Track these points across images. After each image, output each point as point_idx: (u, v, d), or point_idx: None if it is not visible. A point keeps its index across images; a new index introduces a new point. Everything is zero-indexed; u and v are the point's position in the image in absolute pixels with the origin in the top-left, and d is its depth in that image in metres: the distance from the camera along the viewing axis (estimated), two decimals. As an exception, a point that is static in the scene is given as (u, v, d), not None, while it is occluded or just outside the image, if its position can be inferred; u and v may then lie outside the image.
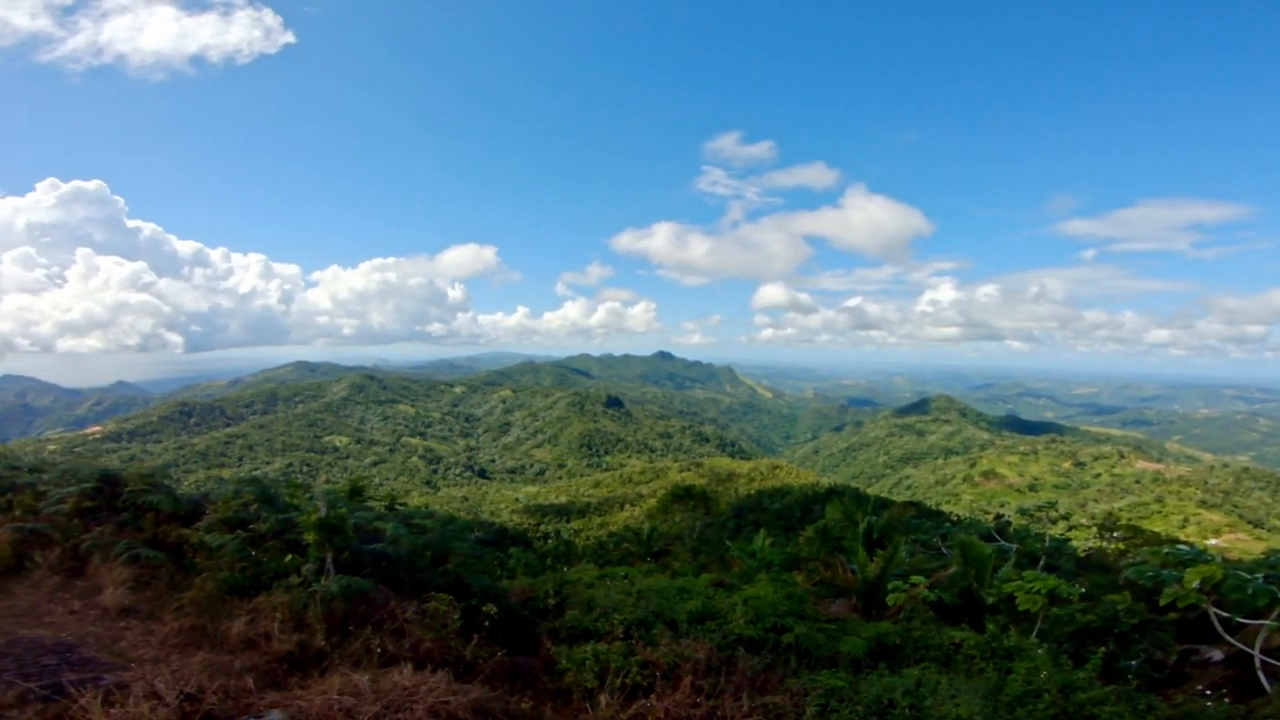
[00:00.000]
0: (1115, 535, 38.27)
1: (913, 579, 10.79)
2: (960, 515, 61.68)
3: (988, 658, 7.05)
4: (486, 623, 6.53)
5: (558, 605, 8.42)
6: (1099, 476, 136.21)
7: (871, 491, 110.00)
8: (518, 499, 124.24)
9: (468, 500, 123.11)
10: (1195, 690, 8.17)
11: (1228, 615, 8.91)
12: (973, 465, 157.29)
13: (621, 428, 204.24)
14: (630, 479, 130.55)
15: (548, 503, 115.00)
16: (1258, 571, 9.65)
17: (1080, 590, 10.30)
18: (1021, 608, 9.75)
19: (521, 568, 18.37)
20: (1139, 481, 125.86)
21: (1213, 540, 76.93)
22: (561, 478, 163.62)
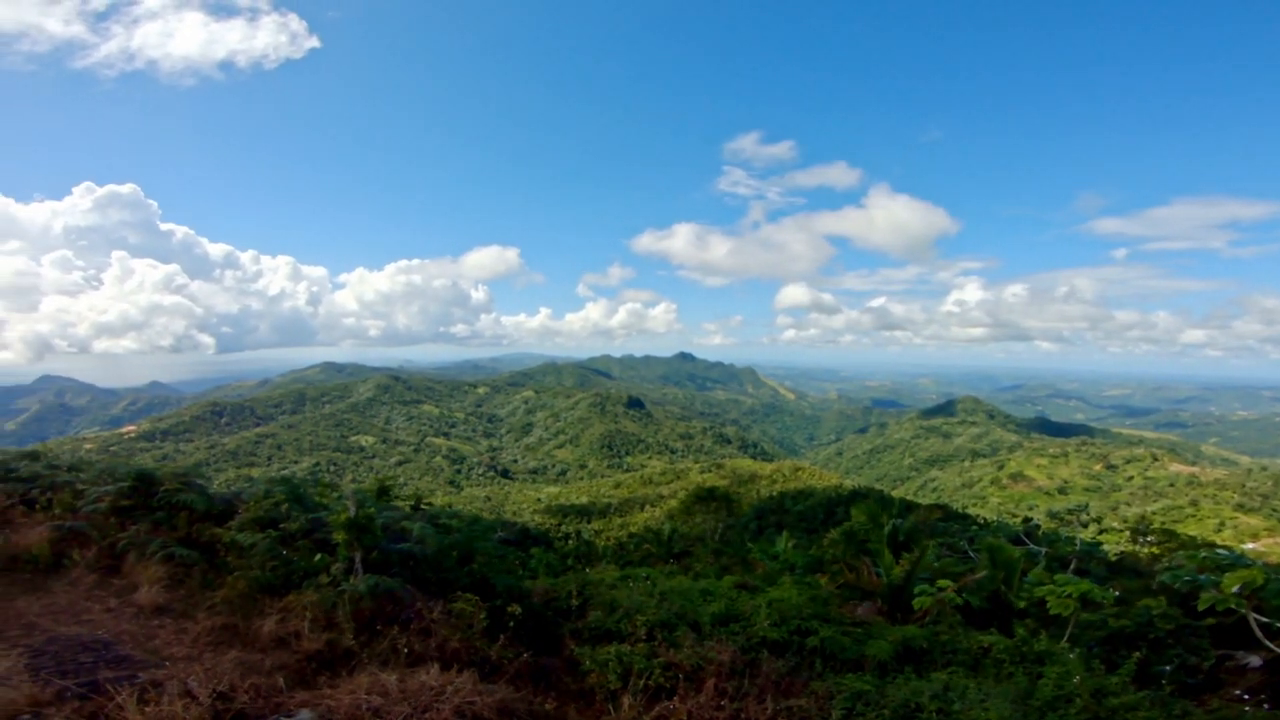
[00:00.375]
0: (1148, 539, 37.39)
1: (940, 582, 10.63)
2: (988, 518, 60.68)
3: (1017, 662, 6.95)
4: (511, 623, 6.55)
5: (580, 606, 8.43)
6: (1131, 479, 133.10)
7: (896, 494, 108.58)
8: (539, 499, 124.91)
9: (490, 500, 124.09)
10: (1232, 695, 7.98)
11: (1267, 620, 8.69)
12: (1000, 468, 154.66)
13: (642, 429, 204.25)
14: (651, 480, 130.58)
15: (569, 503, 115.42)
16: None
17: (1114, 595, 10.10)
18: (1053, 611, 9.57)
19: (543, 568, 18.44)
20: (1173, 485, 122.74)
21: (1250, 544, 74.91)
22: (583, 478, 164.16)
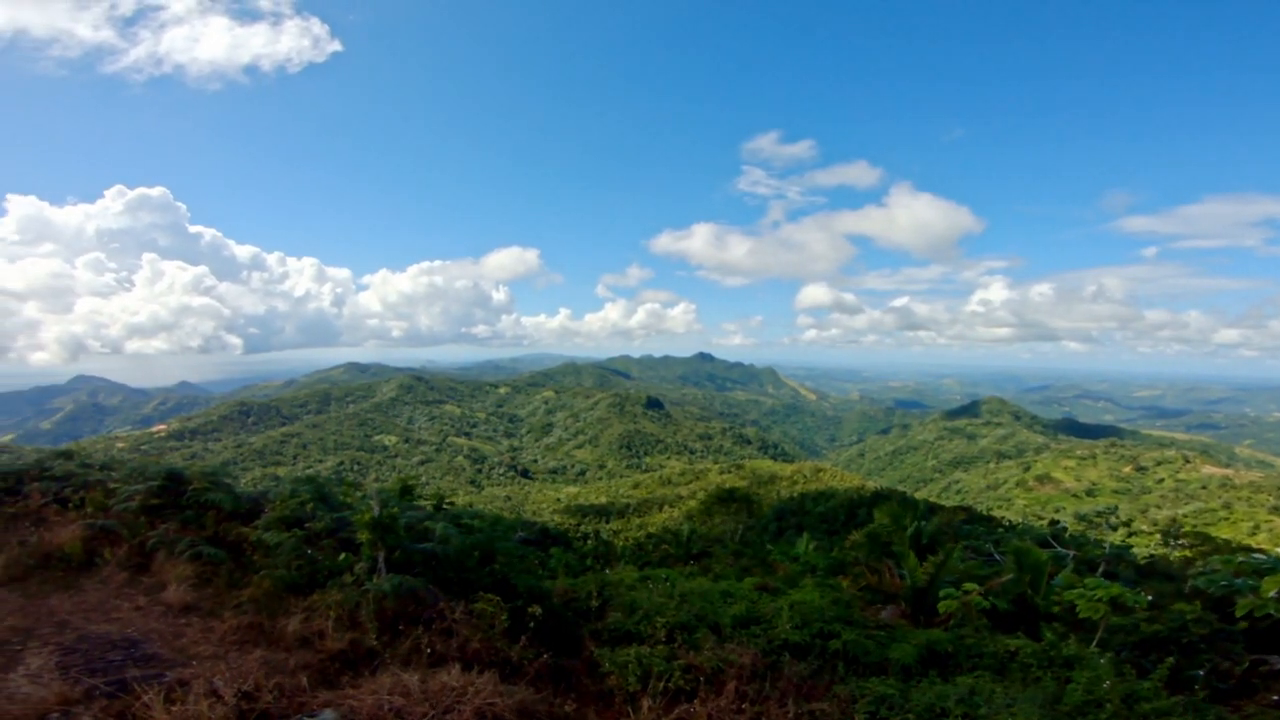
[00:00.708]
0: (1180, 542, 36.59)
1: (965, 586, 10.46)
2: (1013, 520, 59.72)
3: (1045, 666, 6.80)
4: (532, 624, 6.52)
5: (600, 607, 8.40)
6: (1162, 482, 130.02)
7: (919, 496, 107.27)
8: (559, 499, 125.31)
9: (510, 500, 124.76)
10: (1267, 701, 7.75)
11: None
12: (1026, 469, 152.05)
13: (661, 429, 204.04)
14: (669, 480, 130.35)
15: (588, 503, 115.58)
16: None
17: (1147, 599, 9.86)
18: (1083, 615, 9.36)
19: (562, 568, 18.46)
20: (1205, 487, 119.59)
21: (1287, 549, 72.79)
22: (601, 478, 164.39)
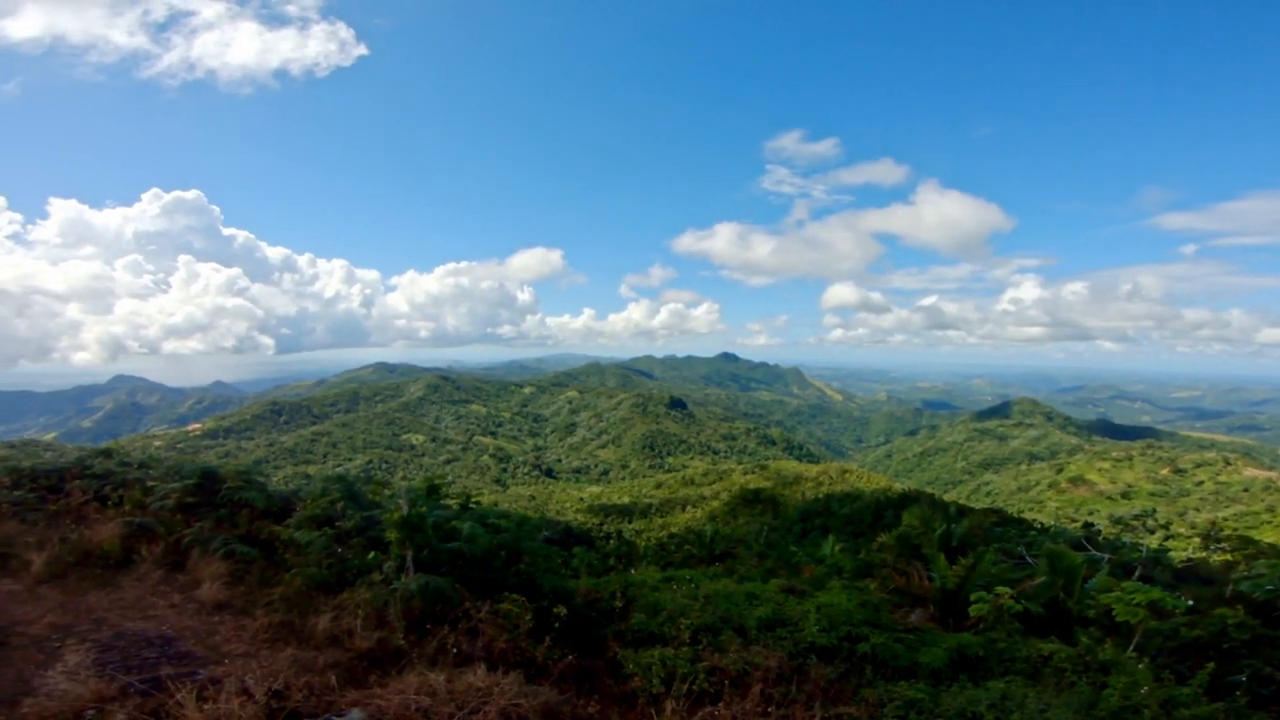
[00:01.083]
0: (1220, 545, 35.49)
1: (997, 589, 10.24)
2: (1046, 523, 58.43)
3: (1080, 671, 6.61)
4: (556, 624, 6.53)
5: (623, 607, 8.38)
6: (1201, 484, 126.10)
7: (948, 498, 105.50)
8: (582, 499, 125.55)
9: (534, 499, 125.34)
10: (1310, 707, 7.48)
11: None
12: (1059, 471, 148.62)
13: (684, 429, 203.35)
14: (692, 480, 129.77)
15: (611, 503, 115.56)
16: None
17: (1187, 603, 9.56)
18: (1120, 619, 9.11)
19: (585, 568, 18.47)
20: (1247, 490, 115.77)
21: (1335, 554, 70.14)
22: (624, 478, 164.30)
